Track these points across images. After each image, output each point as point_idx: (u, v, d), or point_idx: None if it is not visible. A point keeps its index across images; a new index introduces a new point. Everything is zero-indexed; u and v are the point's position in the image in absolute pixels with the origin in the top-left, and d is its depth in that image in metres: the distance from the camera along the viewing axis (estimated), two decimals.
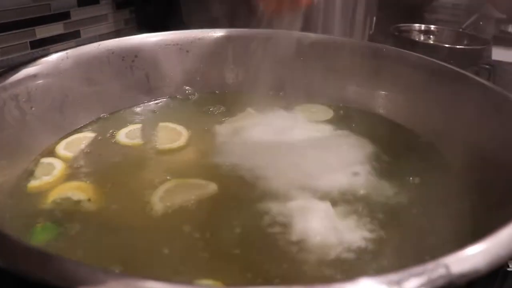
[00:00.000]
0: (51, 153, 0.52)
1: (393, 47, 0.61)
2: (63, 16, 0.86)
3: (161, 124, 0.59)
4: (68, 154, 0.52)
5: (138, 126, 0.59)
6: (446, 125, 0.54)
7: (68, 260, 0.24)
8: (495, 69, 1.09)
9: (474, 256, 0.24)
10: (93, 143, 0.55)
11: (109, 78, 0.62)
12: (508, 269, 0.48)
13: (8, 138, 0.48)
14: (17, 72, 0.51)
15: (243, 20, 0.76)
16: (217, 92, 0.69)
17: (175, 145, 0.55)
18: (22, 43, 0.80)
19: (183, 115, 0.62)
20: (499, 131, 0.46)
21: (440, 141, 0.55)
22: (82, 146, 0.54)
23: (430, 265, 0.23)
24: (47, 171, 0.49)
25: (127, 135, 0.57)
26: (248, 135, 0.57)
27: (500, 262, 0.24)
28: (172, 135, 0.57)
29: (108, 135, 0.57)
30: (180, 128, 0.58)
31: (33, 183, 0.47)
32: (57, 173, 0.49)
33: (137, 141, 0.56)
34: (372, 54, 0.63)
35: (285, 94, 0.68)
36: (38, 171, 0.49)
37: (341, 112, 0.64)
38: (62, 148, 0.53)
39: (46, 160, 0.51)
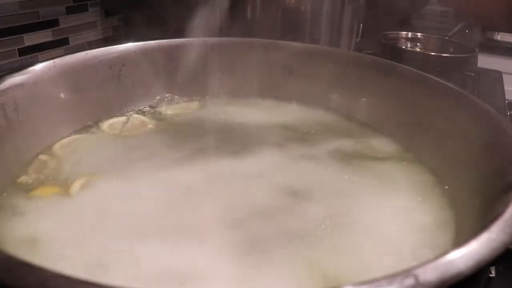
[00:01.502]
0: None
1: (375, 57, 0.62)
2: (51, 23, 0.86)
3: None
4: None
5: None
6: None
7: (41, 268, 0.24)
8: (480, 77, 1.11)
9: (443, 265, 0.25)
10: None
11: (97, 87, 0.62)
12: (491, 275, 0.49)
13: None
14: (3, 81, 0.52)
15: (230, 29, 0.77)
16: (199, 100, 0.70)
17: None
18: (10, 50, 0.80)
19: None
20: (478, 142, 0.47)
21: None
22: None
23: (399, 275, 0.24)
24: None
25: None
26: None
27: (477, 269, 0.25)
28: None
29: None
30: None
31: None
32: None
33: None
34: (355, 63, 0.64)
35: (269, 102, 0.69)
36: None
37: None
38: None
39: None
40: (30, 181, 0.49)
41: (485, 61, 1.33)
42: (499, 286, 0.50)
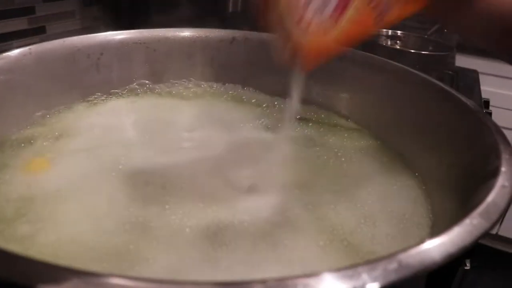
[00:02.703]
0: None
1: (360, 51, 0.62)
2: (27, 11, 0.84)
3: None
4: None
5: None
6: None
7: (29, 258, 0.23)
8: (458, 75, 1.13)
9: (426, 251, 0.25)
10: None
11: (74, 75, 0.61)
12: (466, 268, 0.50)
13: None
14: None
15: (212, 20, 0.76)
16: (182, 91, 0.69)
17: None
18: None
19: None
20: (457, 134, 0.48)
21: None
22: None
23: (384, 260, 0.24)
24: None
25: None
26: None
27: (451, 258, 0.25)
28: None
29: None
30: None
31: None
32: None
33: None
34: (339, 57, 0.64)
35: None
36: None
37: None
38: None
39: None
40: None
41: (463, 61, 1.35)
42: (473, 278, 0.51)
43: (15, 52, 0.55)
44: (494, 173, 0.34)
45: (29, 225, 0.40)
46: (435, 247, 0.25)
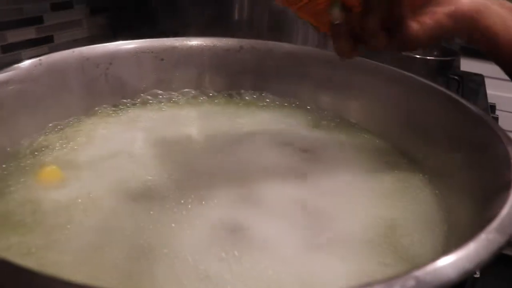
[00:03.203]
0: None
1: (368, 60, 0.62)
2: (35, 20, 0.84)
3: None
4: None
5: None
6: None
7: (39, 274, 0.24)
8: (463, 80, 1.13)
9: (442, 268, 0.25)
10: None
11: (83, 85, 0.61)
12: (475, 276, 0.50)
13: None
14: None
15: (219, 29, 0.77)
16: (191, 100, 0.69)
17: None
18: None
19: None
20: (463, 141, 0.48)
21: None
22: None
23: (401, 278, 0.24)
24: None
25: None
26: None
27: (467, 275, 0.25)
28: None
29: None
30: None
31: None
32: None
33: None
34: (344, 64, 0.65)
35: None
36: None
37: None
38: None
39: None
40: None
41: (468, 65, 1.35)
42: (482, 285, 0.51)
43: (26, 63, 0.55)
44: (507, 184, 0.34)
45: (44, 234, 0.40)
46: (451, 264, 0.25)
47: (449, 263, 0.25)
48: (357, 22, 0.42)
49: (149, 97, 0.66)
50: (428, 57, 1.05)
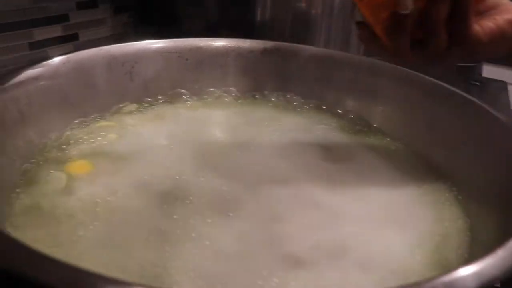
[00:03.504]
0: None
1: (390, 64, 0.62)
2: (61, 18, 0.86)
3: None
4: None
5: None
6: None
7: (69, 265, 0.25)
8: (485, 86, 1.12)
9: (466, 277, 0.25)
10: None
11: (109, 83, 0.62)
12: (496, 285, 0.49)
13: (8, 137, 0.48)
14: (17, 74, 0.52)
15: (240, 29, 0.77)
16: (214, 100, 0.70)
17: None
18: (21, 44, 0.80)
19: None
20: (487, 149, 0.48)
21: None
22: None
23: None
24: None
25: None
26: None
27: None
28: None
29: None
30: None
31: None
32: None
33: None
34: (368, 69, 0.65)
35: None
36: None
37: None
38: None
39: None
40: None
41: (490, 71, 1.33)
42: None
43: (55, 60, 0.57)
44: None
45: (70, 228, 0.41)
46: (470, 275, 0.25)
47: (468, 274, 0.25)
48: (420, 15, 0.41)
49: (173, 97, 0.67)
50: None
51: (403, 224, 0.44)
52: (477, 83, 1.09)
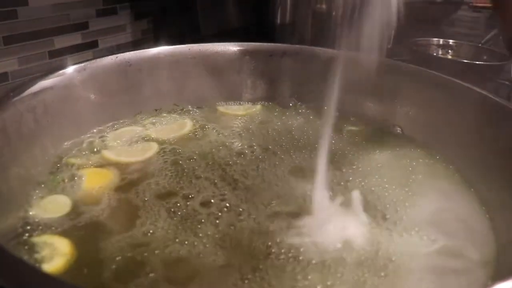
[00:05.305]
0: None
1: (411, 64, 0.60)
2: (81, 26, 0.86)
3: None
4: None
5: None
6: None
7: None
8: None
9: None
10: None
11: (126, 90, 0.62)
12: None
13: (25, 146, 0.48)
14: (34, 84, 0.52)
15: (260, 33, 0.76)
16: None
17: None
18: (41, 52, 0.80)
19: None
20: None
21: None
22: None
23: None
24: None
25: None
26: None
27: None
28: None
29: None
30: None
31: None
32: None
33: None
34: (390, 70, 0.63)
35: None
36: None
37: None
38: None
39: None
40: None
41: None
42: None
43: (70, 69, 0.57)
44: None
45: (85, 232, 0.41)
46: None
47: None
48: None
49: (191, 102, 0.67)
50: (476, 62, 1.00)
51: None
52: (506, 82, 1.06)
